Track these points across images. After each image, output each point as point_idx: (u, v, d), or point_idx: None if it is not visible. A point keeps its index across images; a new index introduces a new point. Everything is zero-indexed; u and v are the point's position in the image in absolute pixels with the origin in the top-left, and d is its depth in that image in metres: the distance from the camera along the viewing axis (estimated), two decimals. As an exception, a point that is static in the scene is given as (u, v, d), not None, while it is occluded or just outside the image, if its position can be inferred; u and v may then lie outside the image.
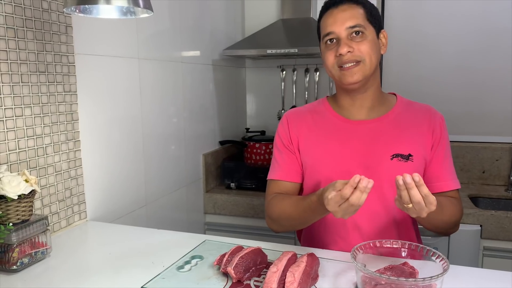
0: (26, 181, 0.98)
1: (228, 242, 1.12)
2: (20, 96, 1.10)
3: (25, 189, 0.96)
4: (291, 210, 1.09)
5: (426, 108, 1.21)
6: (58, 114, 1.22)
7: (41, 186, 1.17)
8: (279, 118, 2.45)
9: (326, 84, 2.45)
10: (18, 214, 0.97)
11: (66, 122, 1.24)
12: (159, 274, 0.94)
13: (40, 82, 1.15)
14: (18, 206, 0.97)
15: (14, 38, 1.08)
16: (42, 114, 1.17)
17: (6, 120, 1.07)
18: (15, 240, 0.95)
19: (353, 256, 0.86)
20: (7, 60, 1.06)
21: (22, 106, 1.11)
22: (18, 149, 1.10)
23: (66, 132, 1.25)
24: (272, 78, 2.57)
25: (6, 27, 1.05)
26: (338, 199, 0.86)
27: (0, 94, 1.05)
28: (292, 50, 2.06)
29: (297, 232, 1.36)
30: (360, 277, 0.85)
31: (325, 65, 1.15)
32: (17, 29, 1.08)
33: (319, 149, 1.17)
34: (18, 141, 1.10)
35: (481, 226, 1.78)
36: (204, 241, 1.13)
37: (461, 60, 2.21)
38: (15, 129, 1.09)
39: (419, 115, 1.18)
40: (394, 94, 1.25)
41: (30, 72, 1.12)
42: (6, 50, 1.06)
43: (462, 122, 2.24)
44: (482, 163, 2.21)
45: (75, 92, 1.27)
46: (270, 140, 2.25)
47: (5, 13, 1.05)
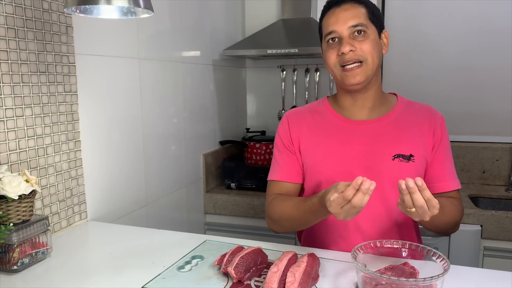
0: (27, 181, 0.98)
1: (228, 242, 1.12)
2: (20, 96, 1.10)
3: (25, 189, 0.96)
4: (292, 211, 1.09)
5: (426, 108, 1.21)
6: (58, 114, 1.22)
7: (41, 186, 1.17)
8: (280, 118, 2.45)
9: (326, 84, 2.45)
10: (18, 214, 0.97)
11: (66, 122, 1.25)
12: (160, 274, 0.94)
13: (40, 82, 1.15)
14: (18, 206, 0.97)
15: (15, 38, 1.08)
16: (43, 114, 1.17)
17: (6, 120, 1.07)
18: (16, 240, 0.95)
19: (353, 256, 0.86)
20: (8, 60, 1.06)
21: (23, 106, 1.11)
22: (19, 149, 1.11)
23: (66, 132, 1.25)
24: (272, 78, 2.57)
25: (7, 28, 1.05)
26: (340, 201, 0.86)
27: (0, 94, 1.05)
28: (292, 50, 2.06)
29: (297, 232, 1.36)
30: (360, 277, 0.85)
31: (326, 64, 1.14)
32: (17, 29, 1.08)
33: (320, 149, 1.17)
34: (18, 141, 1.10)
35: (481, 226, 1.78)
36: (204, 241, 1.13)
37: (461, 60, 2.21)
38: (16, 129, 1.09)
39: (420, 115, 1.18)
40: (394, 94, 1.25)
41: (30, 72, 1.12)
42: (7, 51, 1.06)
43: (462, 122, 2.24)
44: (482, 163, 2.22)
45: (76, 92, 1.27)
46: (271, 140, 2.25)
47: (5, 13, 1.05)
